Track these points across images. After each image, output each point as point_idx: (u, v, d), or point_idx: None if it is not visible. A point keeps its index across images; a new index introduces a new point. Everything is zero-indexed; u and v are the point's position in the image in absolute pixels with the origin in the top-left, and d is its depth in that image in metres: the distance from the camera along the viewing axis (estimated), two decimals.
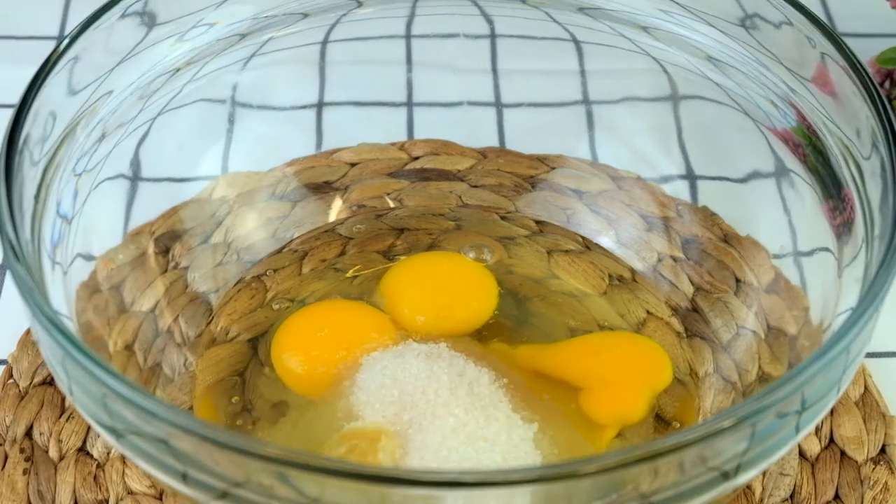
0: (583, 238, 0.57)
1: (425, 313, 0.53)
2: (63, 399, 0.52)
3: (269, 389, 0.51)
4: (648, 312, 0.54)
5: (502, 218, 0.58)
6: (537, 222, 0.58)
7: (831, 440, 0.51)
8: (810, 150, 0.49)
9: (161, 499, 0.49)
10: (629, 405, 0.50)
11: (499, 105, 0.62)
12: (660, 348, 0.52)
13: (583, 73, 0.60)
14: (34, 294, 0.39)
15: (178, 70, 0.52)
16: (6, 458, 0.50)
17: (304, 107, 0.60)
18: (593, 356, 0.52)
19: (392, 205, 0.59)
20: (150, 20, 0.50)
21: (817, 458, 0.50)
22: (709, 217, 0.56)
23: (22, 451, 0.50)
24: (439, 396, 0.47)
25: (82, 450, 0.50)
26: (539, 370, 0.51)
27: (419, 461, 0.45)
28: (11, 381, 0.53)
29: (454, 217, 0.58)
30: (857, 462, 0.50)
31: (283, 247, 0.57)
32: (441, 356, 0.50)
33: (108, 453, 0.50)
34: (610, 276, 0.56)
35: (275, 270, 0.56)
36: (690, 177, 0.57)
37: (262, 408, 0.50)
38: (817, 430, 0.51)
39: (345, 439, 0.47)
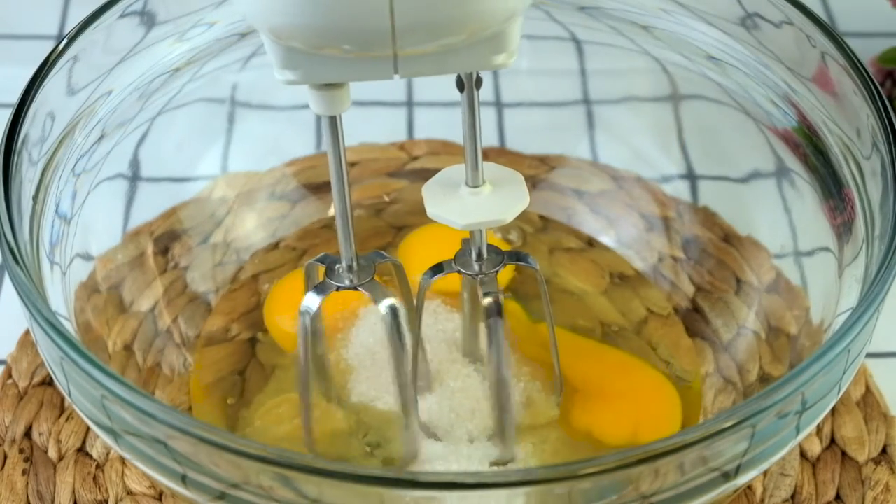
0: (587, 236, 0.57)
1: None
2: (62, 399, 0.52)
3: (266, 354, 0.52)
4: (650, 311, 0.54)
5: None
6: (540, 216, 0.58)
7: (832, 440, 0.51)
8: (811, 149, 0.49)
9: (160, 499, 0.49)
10: (609, 432, 0.50)
11: (499, 105, 0.62)
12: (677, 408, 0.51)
13: (583, 73, 0.60)
14: (32, 295, 0.39)
15: (177, 70, 0.52)
16: (5, 458, 0.50)
17: (304, 107, 0.60)
18: (614, 375, 0.52)
19: (388, 201, 0.59)
20: (149, 20, 0.50)
21: (818, 459, 0.50)
22: (709, 217, 0.56)
23: (21, 451, 0.50)
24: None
25: (81, 450, 0.50)
26: (541, 348, 0.50)
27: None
28: (11, 381, 0.53)
29: None
30: (858, 462, 0.50)
31: (278, 242, 0.57)
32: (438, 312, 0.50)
33: (108, 454, 0.50)
34: (611, 273, 0.56)
35: (273, 269, 0.56)
36: (691, 177, 0.57)
37: (256, 377, 0.51)
38: (818, 430, 0.51)
39: None
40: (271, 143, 0.59)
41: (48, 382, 0.52)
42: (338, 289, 0.44)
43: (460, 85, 0.40)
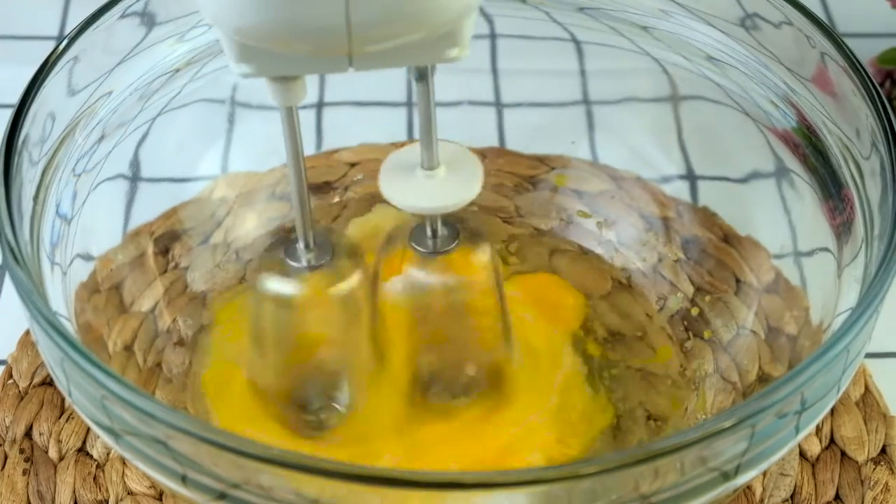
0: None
1: None
2: (63, 399, 0.52)
3: None
4: (647, 315, 0.54)
5: (505, 220, 0.58)
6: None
7: (832, 440, 0.51)
8: (810, 150, 0.49)
9: (160, 499, 0.49)
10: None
11: (499, 105, 0.62)
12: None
13: (583, 73, 0.60)
14: (33, 295, 0.39)
15: (177, 70, 0.52)
16: (6, 458, 0.50)
17: (304, 107, 0.60)
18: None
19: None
20: (149, 20, 0.50)
21: (818, 459, 0.50)
22: (709, 217, 0.56)
23: (22, 451, 0.50)
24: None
25: (82, 450, 0.50)
26: None
27: None
28: (11, 381, 0.53)
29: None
30: (857, 462, 0.50)
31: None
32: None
33: (108, 454, 0.50)
34: (611, 277, 0.56)
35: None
36: (690, 177, 0.57)
37: None
38: (818, 430, 0.51)
39: None
40: (271, 143, 0.59)
41: (48, 382, 0.52)
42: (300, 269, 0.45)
43: (417, 75, 0.40)
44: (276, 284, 0.45)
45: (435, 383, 0.50)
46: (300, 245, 0.44)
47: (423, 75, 0.40)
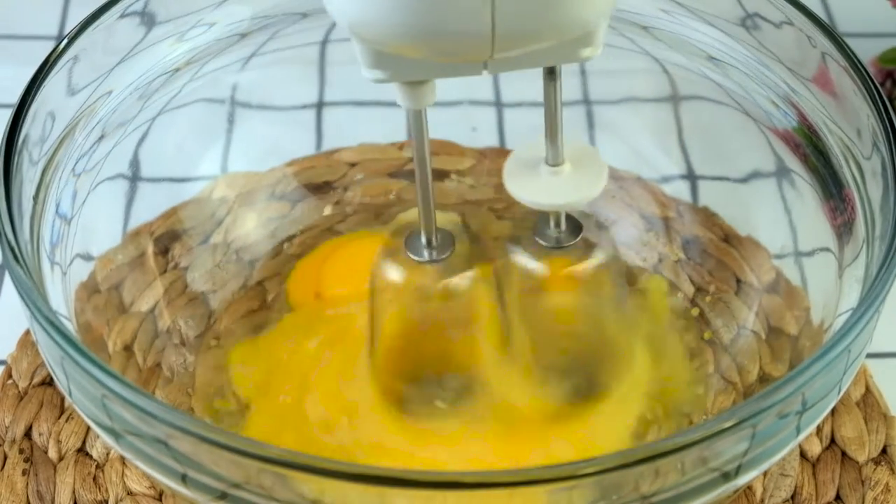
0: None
1: None
2: (62, 399, 0.52)
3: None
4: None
5: (499, 217, 0.58)
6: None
7: (832, 441, 0.51)
8: (811, 150, 0.49)
9: (160, 499, 0.49)
10: None
11: (499, 105, 0.62)
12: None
13: (583, 73, 0.60)
14: (33, 295, 0.39)
15: (177, 70, 0.52)
16: (5, 458, 0.50)
17: (304, 107, 0.60)
18: None
19: (391, 201, 0.59)
20: (149, 20, 0.50)
21: (818, 459, 0.50)
22: (709, 217, 0.56)
23: (21, 451, 0.50)
24: None
25: (82, 450, 0.50)
26: None
27: None
28: (11, 381, 0.53)
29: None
30: (858, 463, 0.50)
31: (281, 244, 0.57)
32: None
33: (108, 454, 0.50)
34: (612, 276, 0.56)
35: (276, 274, 0.56)
36: (691, 177, 0.57)
37: None
38: (818, 430, 0.51)
39: None
40: (271, 143, 0.59)
41: (48, 382, 0.52)
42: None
43: (547, 74, 0.41)
44: (400, 277, 0.46)
45: (553, 382, 0.50)
46: (423, 240, 0.45)
47: (552, 74, 0.41)
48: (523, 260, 0.47)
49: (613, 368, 0.50)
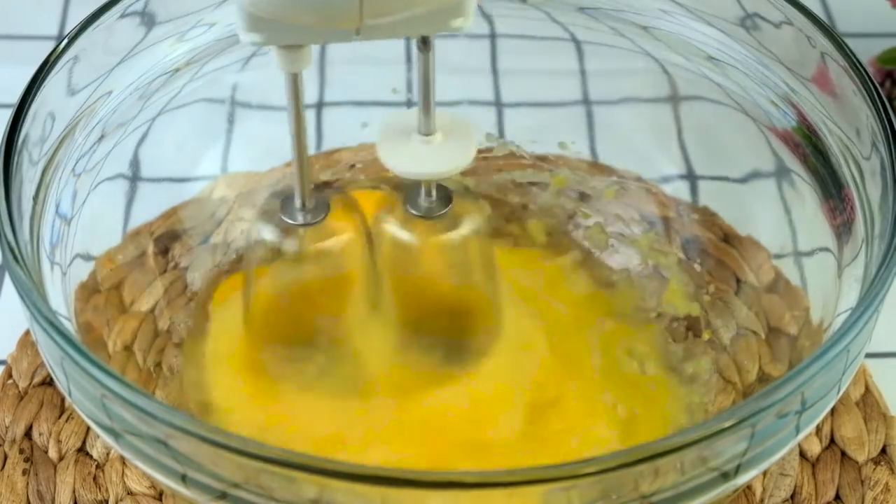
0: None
1: None
2: (62, 399, 0.52)
3: None
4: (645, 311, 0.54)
5: (506, 220, 0.58)
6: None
7: (832, 440, 0.51)
8: (810, 149, 0.49)
9: (160, 499, 0.49)
10: None
11: (499, 105, 0.62)
12: None
13: (583, 73, 0.60)
14: (33, 295, 0.39)
15: (177, 70, 0.52)
16: (6, 458, 0.50)
17: (305, 107, 0.60)
18: None
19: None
20: (149, 20, 0.50)
21: (818, 459, 0.50)
22: (709, 217, 0.56)
23: (21, 451, 0.50)
24: None
25: (82, 450, 0.50)
26: None
27: None
28: (11, 381, 0.53)
29: None
30: (857, 462, 0.50)
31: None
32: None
33: (108, 454, 0.50)
34: (612, 275, 0.56)
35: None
36: (690, 177, 0.57)
37: None
38: (818, 430, 0.51)
39: None
40: (271, 143, 0.59)
41: (48, 382, 0.52)
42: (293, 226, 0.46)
43: (420, 43, 0.41)
44: (274, 238, 0.46)
45: (423, 339, 0.50)
46: (297, 203, 0.45)
47: (425, 43, 0.41)
48: (393, 229, 0.48)
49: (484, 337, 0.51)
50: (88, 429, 0.51)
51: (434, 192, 0.46)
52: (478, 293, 0.51)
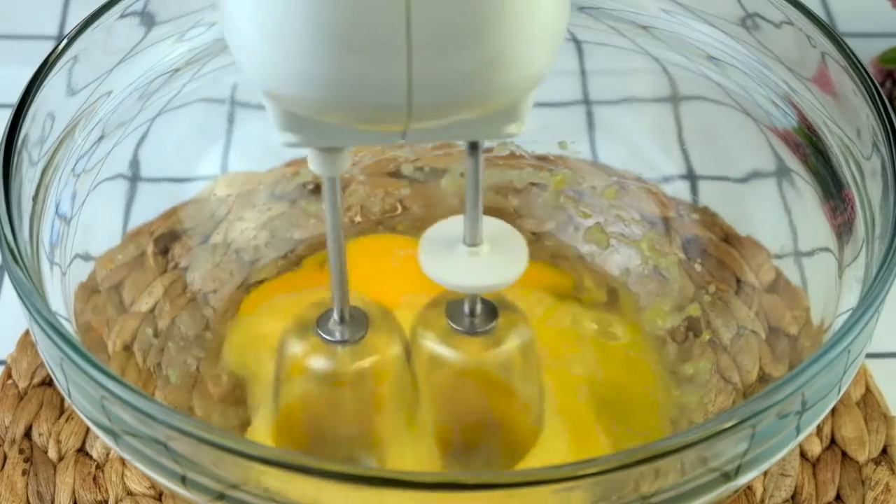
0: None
1: None
2: (62, 400, 0.52)
3: None
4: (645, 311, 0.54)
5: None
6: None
7: (832, 441, 0.51)
8: (811, 149, 0.49)
9: (160, 499, 0.49)
10: None
11: None
12: None
13: (583, 73, 0.59)
14: (32, 295, 0.39)
15: (177, 70, 0.52)
16: (5, 458, 0.50)
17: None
18: None
19: (392, 205, 0.59)
20: (149, 20, 0.50)
21: (818, 459, 0.50)
22: (709, 217, 0.56)
23: (21, 451, 0.50)
24: None
25: (81, 450, 0.50)
26: None
27: None
28: (10, 381, 0.53)
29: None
30: (858, 463, 0.50)
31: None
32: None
33: (108, 454, 0.50)
34: (611, 276, 0.56)
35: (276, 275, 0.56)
36: (691, 177, 0.57)
37: None
38: (818, 430, 0.51)
39: None
40: (271, 143, 0.59)
41: (48, 383, 0.52)
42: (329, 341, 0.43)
43: (469, 147, 0.39)
44: (310, 359, 0.44)
45: (466, 459, 0.48)
46: (335, 317, 0.43)
47: (474, 147, 0.38)
48: (433, 345, 0.45)
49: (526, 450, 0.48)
50: (88, 429, 0.51)
51: (478, 307, 0.43)
52: (520, 415, 0.48)
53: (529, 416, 0.48)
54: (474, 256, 0.41)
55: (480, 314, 0.44)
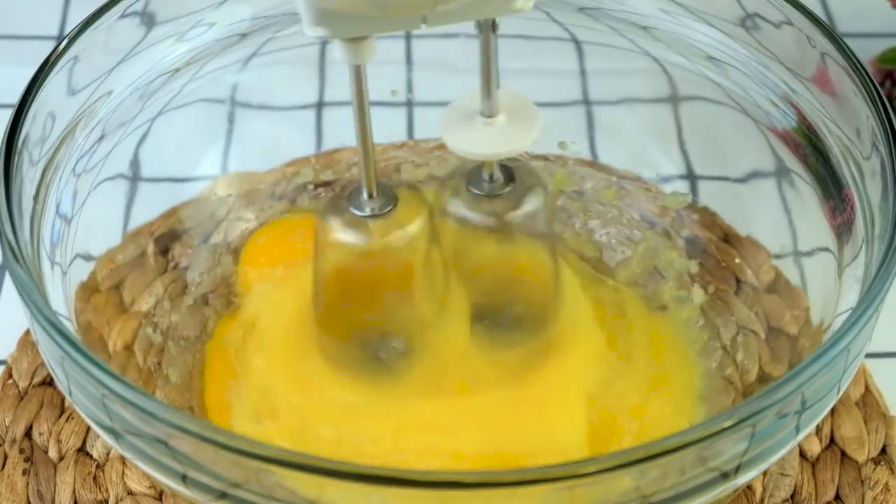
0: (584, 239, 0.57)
1: None
2: (63, 399, 0.52)
3: None
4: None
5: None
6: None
7: (832, 440, 0.51)
8: (810, 150, 0.49)
9: (160, 499, 0.49)
10: None
11: None
12: None
13: (583, 73, 0.60)
14: (33, 295, 0.39)
15: (177, 70, 0.52)
16: (6, 458, 0.50)
17: (304, 107, 0.60)
18: None
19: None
20: (149, 20, 0.50)
21: (818, 459, 0.50)
22: (709, 217, 0.56)
23: (21, 451, 0.50)
24: None
25: (82, 450, 0.50)
26: None
27: None
28: (11, 381, 0.53)
29: None
30: (857, 462, 0.50)
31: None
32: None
33: (108, 454, 0.50)
34: (611, 275, 0.56)
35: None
36: (690, 177, 0.57)
37: None
38: (818, 430, 0.51)
39: None
40: (271, 143, 0.59)
41: (48, 382, 0.52)
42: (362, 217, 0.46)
43: (479, 27, 0.42)
44: (342, 233, 0.46)
45: (490, 325, 0.50)
46: (364, 195, 0.45)
47: (485, 26, 0.42)
48: (457, 209, 0.48)
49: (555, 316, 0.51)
50: (88, 429, 0.51)
51: (496, 173, 0.47)
52: (542, 268, 0.50)
53: (549, 271, 0.50)
54: (489, 126, 0.44)
55: (499, 179, 0.47)
